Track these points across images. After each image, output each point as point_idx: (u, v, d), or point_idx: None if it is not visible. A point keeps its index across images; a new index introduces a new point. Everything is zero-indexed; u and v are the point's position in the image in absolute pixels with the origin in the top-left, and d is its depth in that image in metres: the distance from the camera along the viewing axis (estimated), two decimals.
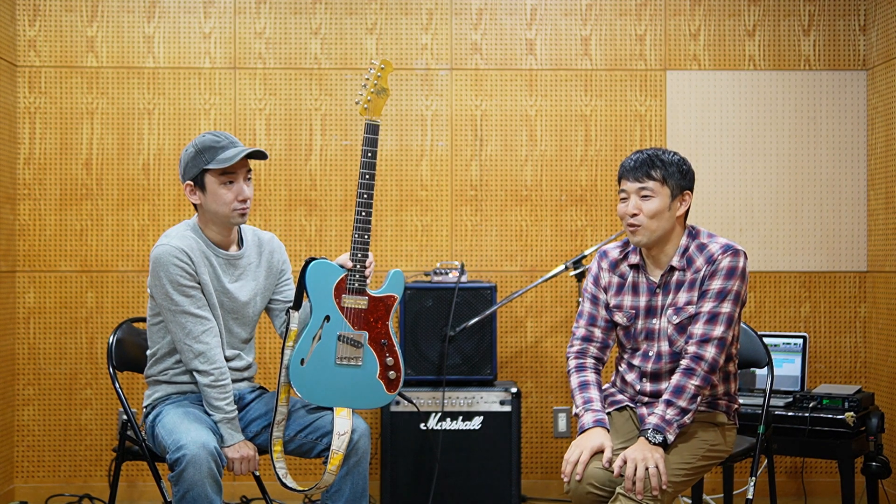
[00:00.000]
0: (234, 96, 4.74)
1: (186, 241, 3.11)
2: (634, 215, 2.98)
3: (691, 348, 2.94)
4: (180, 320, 3.08)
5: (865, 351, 4.77)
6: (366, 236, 3.19)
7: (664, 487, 2.79)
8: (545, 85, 4.78)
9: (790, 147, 4.79)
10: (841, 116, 4.79)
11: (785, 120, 4.79)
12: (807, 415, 3.80)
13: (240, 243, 3.26)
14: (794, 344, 4.10)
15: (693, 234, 3.05)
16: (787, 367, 4.08)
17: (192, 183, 3.12)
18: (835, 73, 4.79)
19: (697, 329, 2.95)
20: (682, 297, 3.00)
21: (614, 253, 3.13)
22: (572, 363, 3.12)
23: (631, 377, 3.10)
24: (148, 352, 3.25)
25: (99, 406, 4.70)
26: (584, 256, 4.27)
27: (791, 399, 3.93)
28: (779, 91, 4.79)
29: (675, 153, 3.04)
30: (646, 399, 3.06)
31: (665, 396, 2.93)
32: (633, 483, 2.79)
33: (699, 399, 2.92)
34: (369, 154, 3.22)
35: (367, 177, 3.21)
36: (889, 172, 4.59)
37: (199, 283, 3.11)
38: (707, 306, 2.95)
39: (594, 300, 3.14)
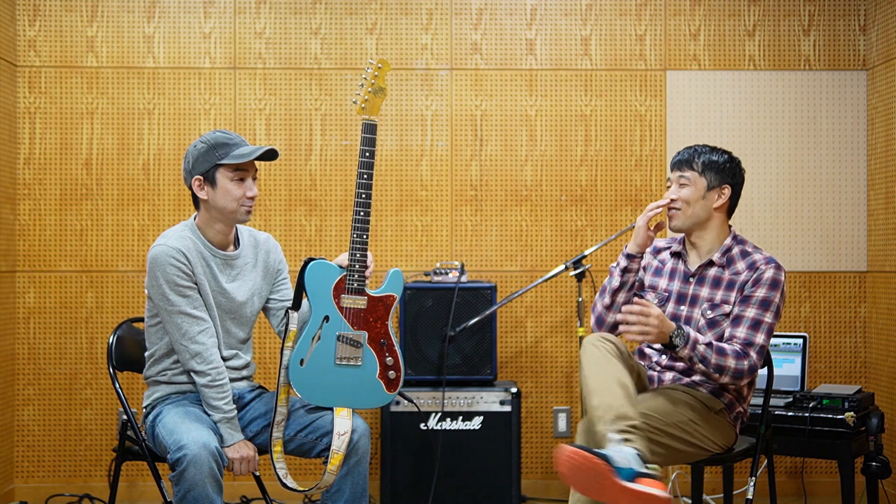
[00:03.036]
0: (234, 96, 4.74)
1: (184, 241, 3.12)
2: (673, 200, 3.19)
3: (738, 348, 3.06)
4: (176, 321, 3.08)
5: (865, 351, 4.77)
6: (364, 236, 3.19)
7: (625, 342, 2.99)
8: (545, 85, 4.78)
9: (790, 147, 4.79)
10: (841, 116, 4.78)
11: (785, 120, 4.79)
12: (807, 415, 3.80)
13: (236, 243, 3.26)
14: (794, 344, 4.10)
15: (739, 240, 3.25)
16: (787, 367, 4.08)
17: (201, 178, 3.14)
18: (835, 73, 4.79)
19: (741, 332, 3.08)
20: (720, 294, 3.15)
21: (661, 243, 3.37)
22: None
23: (650, 351, 3.27)
24: (146, 353, 3.25)
25: (99, 406, 4.70)
26: (584, 256, 4.26)
27: (791, 399, 3.92)
28: (779, 91, 4.79)
29: (725, 153, 3.26)
30: (659, 368, 3.22)
31: (710, 339, 3.06)
32: (629, 324, 2.97)
33: (715, 377, 3.03)
34: (367, 154, 3.22)
35: (366, 176, 3.21)
36: (889, 172, 4.59)
37: (196, 284, 3.12)
38: (751, 312, 3.08)
39: None
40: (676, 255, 3.28)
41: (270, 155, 3.16)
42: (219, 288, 3.18)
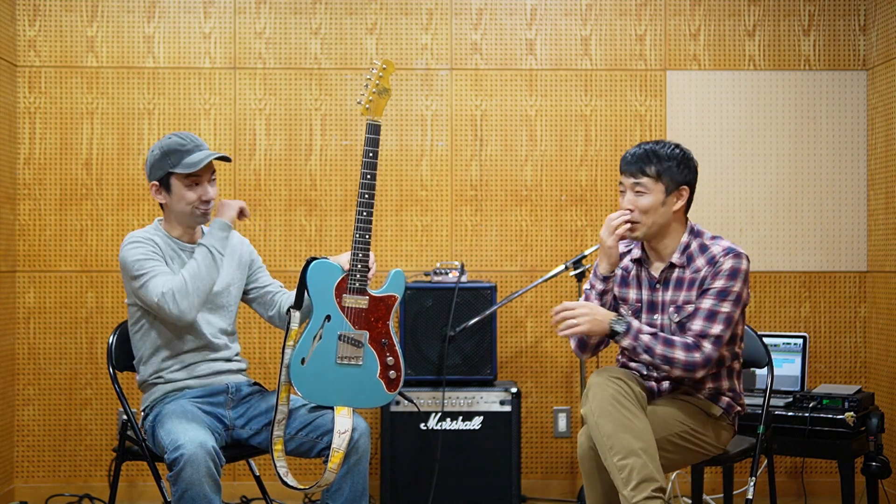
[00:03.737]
0: (234, 96, 4.74)
1: (150, 235, 3.22)
2: (630, 211, 3.04)
3: (690, 340, 2.97)
4: (150, 284, 3.08)
5: (865, 351, 4.77)
6: (367, 236, 3.20)
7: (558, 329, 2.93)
8: (545, 85, 4.78)
9: (790, 147, 4.79)
10: (841, 116, 4.79)
11: (785, 120, 4.79)
12: (807, 415, 3.80)
13: None
14: (794, 344, 4.10)
15: (696, 233, 3.10)
16: (787, 367, 4.09)
17: (157, 183, 3.21)
18: (835, 73, 4.79)
19: (695, 325, 2.97)
20: (682, 295, 3.05)
21: (620, 247, 3.17)
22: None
23: (636, 365, 3.14)
24: (134, 361, 3.29)
25: (99, 406, 4.70)
26: (584, 256, 4.26)
27: (791, 399, 3.93)
28: (779, 91, 4.79)
29: (676, 146, 3.08)
30: (655, 376, 3.11)
31: (659, 332, 2.97)
32: (558, 314, 2.94)
33: (665, 368, 2.95)
34: (371, 154, 3.22)
35: (369, 177, 3.22)
36: (889, 172, 4.59)
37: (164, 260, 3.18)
38: (706, 303, 2.98)
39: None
40: (638, 261, 3.15)
41: (222, 158, 3.22)
42: None
